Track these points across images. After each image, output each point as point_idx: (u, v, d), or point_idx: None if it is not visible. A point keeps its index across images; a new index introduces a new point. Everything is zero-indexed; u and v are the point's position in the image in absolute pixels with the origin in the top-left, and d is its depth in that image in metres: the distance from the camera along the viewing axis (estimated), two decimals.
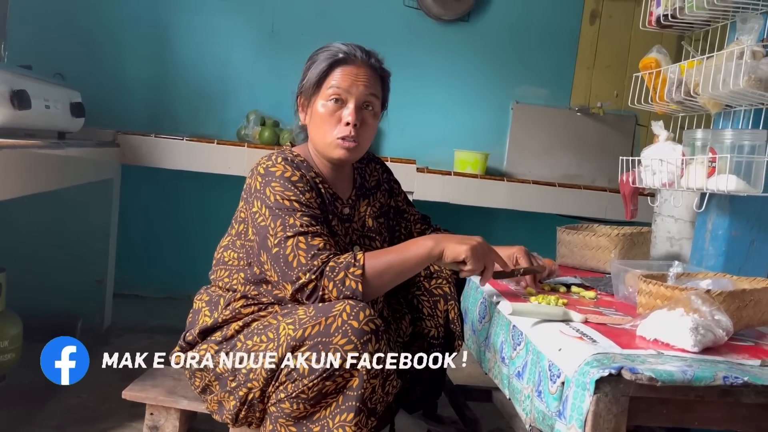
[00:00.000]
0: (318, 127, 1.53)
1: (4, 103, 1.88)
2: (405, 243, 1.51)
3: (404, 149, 3.37)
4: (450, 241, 1.46)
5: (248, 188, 1.50)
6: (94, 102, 2.79)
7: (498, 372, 1.50)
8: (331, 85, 1.51)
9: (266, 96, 3.31)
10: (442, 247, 1.44)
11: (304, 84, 1.55)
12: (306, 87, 1.54)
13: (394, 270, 1.42)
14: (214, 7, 3.33)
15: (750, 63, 1.50)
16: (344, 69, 1.51)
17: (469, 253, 1.44)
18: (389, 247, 1.51)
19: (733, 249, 1.72)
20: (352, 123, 1.50)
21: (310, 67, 1.54)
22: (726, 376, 1.09)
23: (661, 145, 1.80)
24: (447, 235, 1.55)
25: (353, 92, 1.51)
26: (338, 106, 1.51)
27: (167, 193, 3.39)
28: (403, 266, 1.43)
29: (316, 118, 1.53)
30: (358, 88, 1.51)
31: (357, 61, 1.52)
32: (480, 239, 1.49)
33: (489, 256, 1.49)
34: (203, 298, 1.58)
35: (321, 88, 1.52)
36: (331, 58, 1.51)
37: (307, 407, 1.33)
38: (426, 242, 1.46)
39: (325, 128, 1.52)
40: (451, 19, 3.45)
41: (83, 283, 2.79)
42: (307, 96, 1.54)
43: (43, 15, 3.15)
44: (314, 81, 1.51)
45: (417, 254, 1.44)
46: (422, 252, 1.44)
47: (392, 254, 1.44)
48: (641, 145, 3.50)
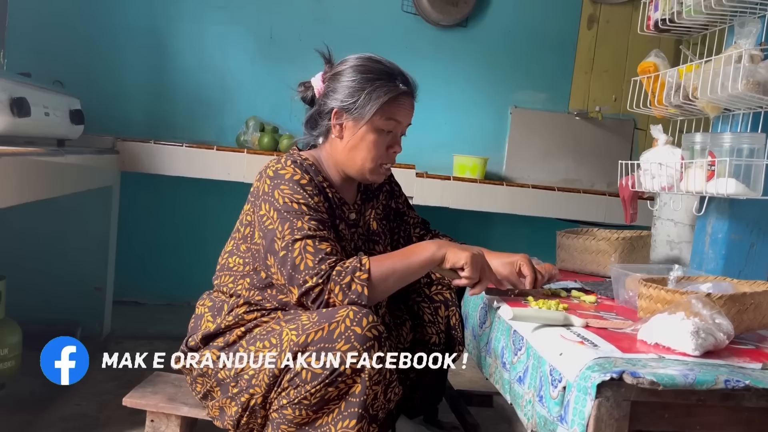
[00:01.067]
0: (364, 151, 1.53)
1: (4, 110, 1.88)
2: (408, 248, 1.52)
3: (403, 154, 3.30)
4: (452, 246, 1.48)
5: (256, 191, 1.50)
6: (94, 109, 2.79)
7: (499, 377, 1.50)
8: (391, 118, 1.52)
9: (265, 102, 3.32)
10: (443, 252, 1.46)
11: (354, 105, 1.51)
12: (358, 110, 1.51)
13: (398, 274, 1.43)
14: (213, 15, 3.34)
15: (748, 67, 1.50)
16: (402, 103, 1.54)
17: (469, 260, 1.45)
18: (392, 252, 1.52)
19: (733, 252, 1.72)
20: (398, 153, 1.57)
21: (366, 91, 1.50)
22: (727, 380, 1.09)
23: (660, 149, 1.81)
24: (450, 241, 1.56)
25: (404, 124, 1.57)
26: (388, 135, 1.54)
27: (166, 199, 3.38)
28: (407, 270, 1.44)
29: (364, 142, 1.52)
30: (408, 121, 1.58)
31: (410, 93, 1.56)
32: (481, 251, 1.51)
33: (486, 270, 1.51)
34: (206, 303, 1.58)
35: (377, 117, 1.51)
36: (393, 92, 1.51)
37: (310, 413, 1.33)
38: (429, 246, 1.47)
39: (372, 155, 1.54)
40: (449, 24, 3.46)
41: (82, 291, 2.78)
42: (355, 118, 1.52)
43: (42, 23, 3.15)
44: (375, 109, 1.50)
45: (420, 258, 1.45)
46: (425, 256, 1.45)
47: (396, 258, 1.45)
48: (640, 149, 3.51)
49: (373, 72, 1.52)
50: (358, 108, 1.50)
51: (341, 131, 1.54)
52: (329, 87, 1.55)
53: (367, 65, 1.53)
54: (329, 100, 1.54)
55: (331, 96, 1.54)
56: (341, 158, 1.56)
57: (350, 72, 1.52)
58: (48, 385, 2.24)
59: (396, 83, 1.52)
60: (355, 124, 1.52)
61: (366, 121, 1.51)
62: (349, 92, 1.51)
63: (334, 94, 1.53)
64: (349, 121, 1.52)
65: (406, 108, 1.56)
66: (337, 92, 1.53)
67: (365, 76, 1.51)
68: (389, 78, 1.52)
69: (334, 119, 1.54)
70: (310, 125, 1.61)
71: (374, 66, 1.53)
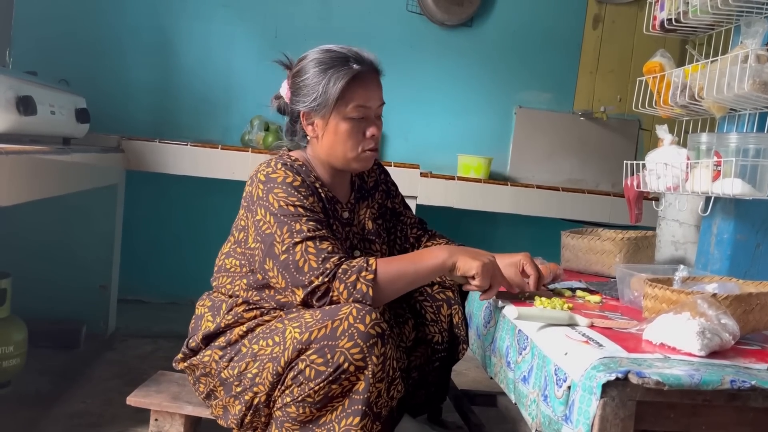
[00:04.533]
0: (341, 143, 1.51)
1: (11, 108, 1.89)
2: (418, 252, 1.52)
3: (408, 154, 3.38)
4: (463, 254, 1.46)
5: (249, 196, 1.49)
6: (99, 108, 2.80)
7: (504, 376, 1.50)
8: (355, 104, 1.49)
9: (270, 101, 3.32)
10: (455, 260, 1.45)
11: (316, 102, 1.49)
12: (321, 106, 1.48)
13: (405, 278, 1.43)
14: (218, 14, 3.34)
15: (755, 67, 1.50)
16: (362, 84, 1.50)
17: (480, 270, 1.45)
18: (402, 255, 1.52)
19: (739, 253, 1.72)
20: (377, 136, 1.53)
21: (322, 84, 1.47)
22: (733, 380, 1.09)
23: (665, 149, 1.80)
24: (460, 247, 1.54)
25: (372, 105, 1.52)
26: (360, 120, 1.51)
27: (171, 198, 3.39)
28: (415, 276, 1.44)
29: (338, 135, 1.51)
30: (376, 101, 1.53)
31: (369, 71, 1.52)
32: (492, 258, 1.50)
33: (497, 277, 1.50)
34: (206, 303, 1.58)
35: (341, 106, 1.49)
36: (348, 75, 1.47)
37: (313, 411, 1.33)
38: (440, 253, 1.46)
39: (350, 144, 1.51)
40: (454, 24, 3.46)
41: (87, 289, 2.80)
42: (321, 114, 1.50)
43: (48, 22, 3.17)
44: (334, 100, 1.47)
45: (430, 264, 1.45)
46: (435, 263, 1.45)
47: (405, 262, 1.45)
48: (645, 149, 3.51)
49: (325, 62, 1.49)
50: (320, 103, 1.49)
51: (315, 131, 1.53)
52: (293, 91, 1.55)
53: (318, 57, 1.51)
54: (295, 104, 1.54)
55: (295, 100, 1.54)
56: (324, 156, 1.55)
57: (306, 69, 1.51)
58: (53, 382, 2.28)
59: (349, 65, 1.48)
60: (323, 120, 1.51)
61: (331, 113, 1.49)
62: (308, 91, 1.50)
63: (297, 97, 1.53)
64: (317, 118, 1.52)
65: (369, 87, 1.51)
66: (299, 94, 1.52)
67: (317, 69, 1.49)
68: (341, 63, 1.49)
69: (305, 121, 1.54)
70: (290, 134, 1.61)
71: (325, 56, 1.51)
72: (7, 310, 2.19)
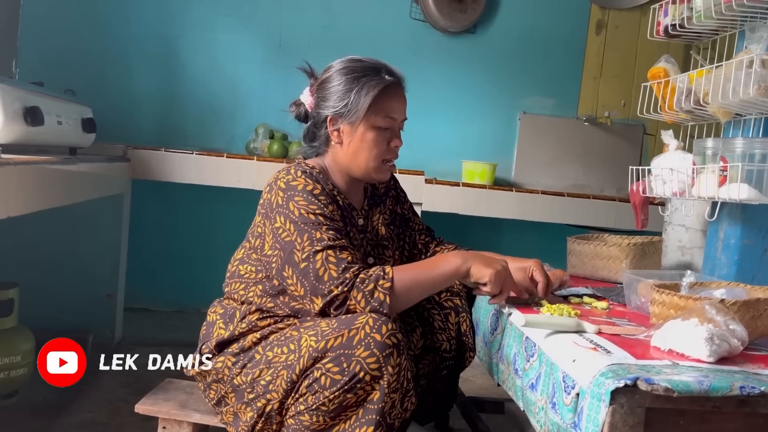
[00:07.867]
0: (366, 150, 1.54)
1: (18, 119, 1.90)
2: (432, 259, 1.53)
3: (412, 160, 3.37)
4: (477, 261, 1.47)
5: (268, 203, 1.50)
6: (105, 117, 2.81)
7: (511, 384, 1.49)
8: (385, 114, 1.53)
9: (275, 109, 3.32)
10: (468, 266, 1.46)
11: (347, 108, 1.51)
12: (351, 111, 1.51)
13: (421, 286, 1.44)
14: (222, 23, 3.36)
15: (759, 72, 1.50)
16: (393, 95, 1.54)
17: (493, 278, 1.46)
18: (416, 262, 1.53)
19: (746, 258, 1.71)
20: (399, 148, 1.57)
21: (354, 91, 1.51)
22: (743, 386, 1.08)
23: (671, 155, 1.80)
24: (473, 252, 1.55)
25: (398, 118, 1.56)
26: (386, 131, 1.54)
27: (177, 206, 3.40)
28: (431, 282, 1.45)
29: (364, 142, 1.53)
30: (402, 114, 1.57)
31: (399, 84, 1.56)
32: (505, 263, 1.51)
33: (508, 283, 1.51)
34: (217, 310, 1.58)
35: (371, 114, 1.52)
36: (380, 85, 1.51)
37: (327, 420, 1.33)
38: (454, 259, 1.47)
39: (374, 153, 1.54)
40: (457, 31, 3.47)
41: (94, 298, 2.81)
42: (350, 120, 1.52)
43: (54, 32, 3.19)
44: (366, 107, 1.50)
45: (444, 271, 1.46)
46: (450, 269, 1.46)
47: (420, 269, 1.46)
48: (649, 154, 3.51)
49: (356, 71, 1.53)
50: (350, 109, 1.51)
51: (340, 136, 1.55)
52: (319, 97, 1.57)
53: (350, 66, 1.54)
54: (321, 109, 1.56)
55: (323, 105, 1.55)
56: (345, 162, 1.57)
57: (335, 77, 1.54)
58: (60, 391, 2.28)
59: (381, 76, 1.53)
60: (351, 126, 1.53)
61: (361, 121, 1.52)
62: (338, 96, 1.53)
63: (325, 102, 1.55)
64: (345, 124, 1.53)
65: (398, 99, 1.56)
66: (327, 100, 1.54)
67: (350, 77, 1.52)
68: (374, 73, 1.53)
69: (331, 126, 1.55)
70: (308, 138, 1.62)
71: (357, 65, 1.54)
72: (15, 319, 2.19)
